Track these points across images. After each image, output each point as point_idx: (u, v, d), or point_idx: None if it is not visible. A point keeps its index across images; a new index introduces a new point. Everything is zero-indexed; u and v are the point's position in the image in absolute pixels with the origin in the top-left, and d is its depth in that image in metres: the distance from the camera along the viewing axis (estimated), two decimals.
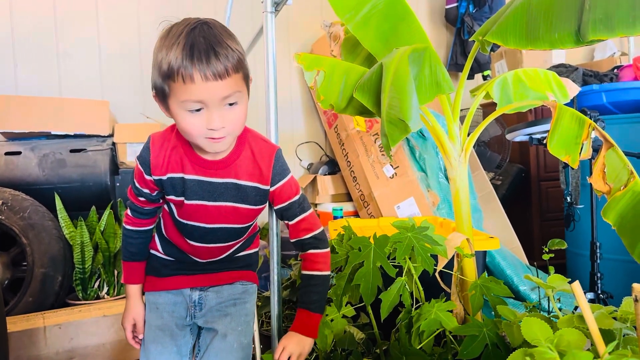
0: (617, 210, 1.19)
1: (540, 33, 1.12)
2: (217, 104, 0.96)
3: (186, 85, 0.93)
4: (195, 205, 1.11)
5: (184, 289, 1.21)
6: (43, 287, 2.14)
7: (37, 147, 2.44)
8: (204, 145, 1.01)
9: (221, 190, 1.11)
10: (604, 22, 1.01)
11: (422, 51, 1.32)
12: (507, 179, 3.18)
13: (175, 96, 0.95)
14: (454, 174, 1.48)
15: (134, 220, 1.21)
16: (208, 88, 0.93)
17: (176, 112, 0.97)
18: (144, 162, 1.11)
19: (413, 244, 1.19)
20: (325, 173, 3.17)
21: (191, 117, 0.97)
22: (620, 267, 2.06)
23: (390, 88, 1.15)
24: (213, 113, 0.96)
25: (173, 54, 0.92)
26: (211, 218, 1.12)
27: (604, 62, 3.16)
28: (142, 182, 1.14)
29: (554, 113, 1.27)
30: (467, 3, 3.43)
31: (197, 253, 1.19)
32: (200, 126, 0.97)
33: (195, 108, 0.96)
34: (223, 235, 1.16)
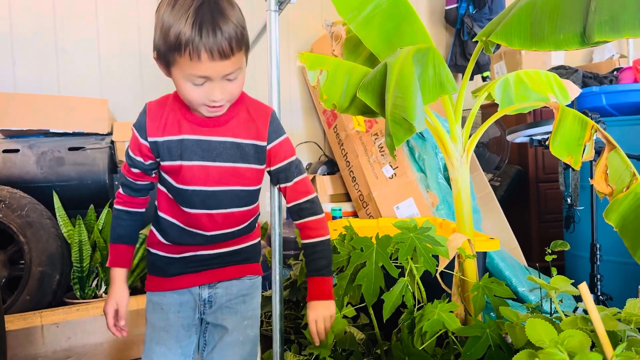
0: (620, 212, 1.19)
1: (545, 34, 1.12)
2: (219, 79, 1.01)
3: (192, 62, 0.97)
4: (194, 166, 1.11)
5: (193, 287, 1.18)
6: (41, 286, 2.13)
7: (35, 144, 2.42)
8: (202, 111, 1.07)
9: (220, 149, 1.12)
10: (610, 24, 1.01)
11: (426, 51, 1.32)
12: (506, 180, 3.18)
13: (180, 68, 1.00)
14: (456, 175, 1.48)
15: (125, 198, 1.20)
16: (214, 66, 0.98)
17: (179, 80, 1.03)
18: (139, 126, 1.12)
19: (415, 245, 1.19)
20: (324, 173, 3.17)
21: (193, 88, 1.02)
22: (619, 269, 2.06)
23: (395, 88, 1.15)
24: (215, 87, 1.02)
25: (182, 26, 0.96)
26: (211, 180, 1.12)
27: (603, 64, 3.17)
28: (136, 150, 1.13)
29: (557, 114, 1.27)
30: (467, 4, 3.43)
31: (201, 224, 1.14)
32: (202, 97, 1.03)
33: (199, 82, 1.01)
34: (225, 199, 1.14)
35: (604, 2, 1.03)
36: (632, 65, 2.38)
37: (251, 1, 3.26)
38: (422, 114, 1.14)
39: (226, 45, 0.97)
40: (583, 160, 1.23)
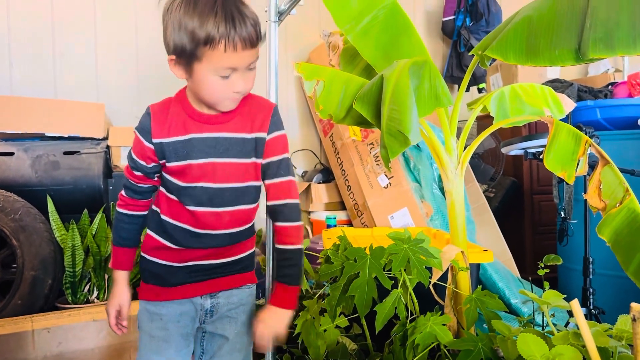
0: (612, 227, 1.20)
1: (540, 49, 1.13)
2: (244, 69, 1.06)
3: (226, 53, 1.01)
4: (203, 164, 1.12)
5: (194, 297, 1.17)
6: (32, 290, 2.11)
7: (30, 148, 2.42)
8: (222, 105, 1.10)
9: (227, 145, 1.13)
10: (604, 41, 1.02)
11: (422, 64, 1.33)
12: (500, 192, 3.20)
13: (209, 62, 1.02)
14: (450, 187, 1.49)
15: (128, 200, 1.19)
16: (243, 56, 1.04)
17: (204, 75, 1.04)
18: (143, 128, 1.12)
19: (409, 256, 1.19)
20: (319, 181, 3.17)
21: (219, 82, 1.05)
22: (611, 282, 2.07)
23: (391, 100, 1.16)
24: (240, 78, 1.06)
25: (212, 22, 1.00)
26: (219, 176, 1.12)
27: (597, 78, 3.20)
28: (140, 153, 1.13)
29: (551, 129, 1.28)
30: (464, 16, 3.45)
31: (208, 223, 1.14)
32: (227, 89, 1.06)
33: (227, 74, 1.04)
34: (231, 196, 1.14)
35: (599, 20, 1.04)
36: (626, 80, 2.40)
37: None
38: (417, 127, 1.15)
39: (254, 34, 1.04)
40: (577, 175, 1.24)
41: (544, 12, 1.15)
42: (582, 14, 1.07)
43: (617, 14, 1.06)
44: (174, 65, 1.08)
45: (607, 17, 1.03)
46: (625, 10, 1.06)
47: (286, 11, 1.21)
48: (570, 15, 1.09)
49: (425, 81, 1.31)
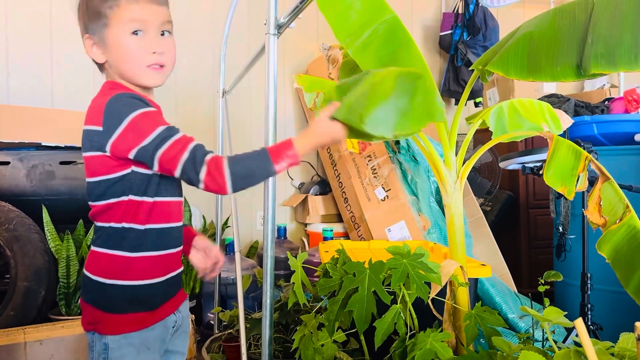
0: (612, 243, 1.20)
1: (541, 65, 1.13)
2: (156, 28, 1.06)
3: (130, 6, 1.03)
4: None
5: (170, 315, 1.12)
6: (25, 301, 2.08)
7: (26, 157, 2.40)
8: (145, 76, 1.07)
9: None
10: (606, 57, 1.02)
11: (418, 76, 1.28)
12: (497, 205, 3.20)
13: (117, 21, 1.03)
14: (449, 201, 1.49)
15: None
16: (151, 9, 1.05)
17: (119, 38, 1.04)
18: (144, 101, 1.03)
19: (408, 271, 1.18)
20: (316, 193, 3.16)
21: (134, 40, 1.04)
22: (609, 297, 2.06)
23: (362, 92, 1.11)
24: (154, 38, 1.05)
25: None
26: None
27: (594, 94, 3.21)
28: (162, 117, 1.05)
29: (551, 144, 1.28)
30: (461, 31, 3.48)
31: (178, 213, 1.13)
32: (143, 49, 1.05)
33: (138, 28, 1.04)
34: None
35: (601, 36, 1.04)
36: (623, 96, 2.42)
37: (248, 23, 3.30)
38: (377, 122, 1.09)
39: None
40: (577, 191, 1.24)
41: (545, 28, 1.15)
42: (583, 30, 1.07)
43: (619, 30, 1.07)
44: (91, 46, 1.08)
45: (608, 33, 1.04)
46: (627, 26, 1.07)
47: (285, 24, 1.21)
48: (572, 31, 1.10)
49: (419, 94, 1.26)
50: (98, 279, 1.05)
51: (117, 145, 0.99)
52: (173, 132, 1.00)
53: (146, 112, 1.00)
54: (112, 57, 1.07)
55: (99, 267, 1.06)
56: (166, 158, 0.98)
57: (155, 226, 1.07)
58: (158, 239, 1.08)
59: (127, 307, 1.05)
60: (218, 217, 2.51)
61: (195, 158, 0.97)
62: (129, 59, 1.05)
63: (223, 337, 2.04)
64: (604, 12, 1.06)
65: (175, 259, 1.14)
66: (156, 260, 1.08)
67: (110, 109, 1.00)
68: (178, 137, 0.99)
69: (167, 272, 1.11)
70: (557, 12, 1.17)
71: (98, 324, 1.05)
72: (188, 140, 0.99)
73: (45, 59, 2.92)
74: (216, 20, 3.21)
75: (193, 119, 3.20)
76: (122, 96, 1.02)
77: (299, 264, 1.35)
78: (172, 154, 0.97)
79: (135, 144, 0.98)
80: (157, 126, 0.99)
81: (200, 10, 3.21)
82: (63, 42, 2.94)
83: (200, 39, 3.20)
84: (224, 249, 2.60)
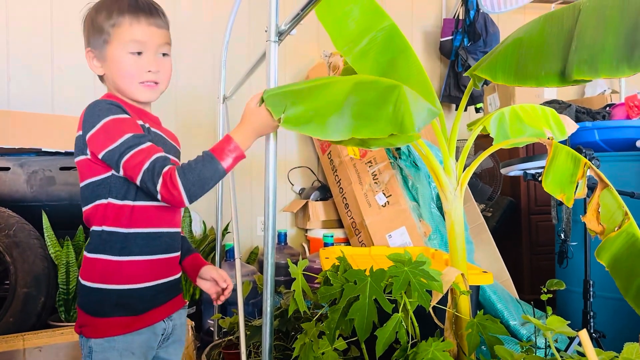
0: (611, 251, 1.18)
1: (528, 70, 1.14)
2: (154, 49, 1.12)
3: (132, 27, 1.09)
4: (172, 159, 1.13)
5: (159, 322, 1.13)
6: (25, 308, 2.08)
7: (26, 163, 2.40)
8: (138, 92, 1.13)
9: (169, 145, 1.18)
10: (589, 63, 1.03)
11: (392, 88, 1.24)
12: (498, 211, 3.19)
13: (118, 39, 1.09)
14: (450, 208, 1.48)
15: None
16: (151, 32, 1.11)
17: (118, 55, 1.10)
18: (121, 108, 1.07)
19: (410, 279, 1.18)
20: (316, 199, 3.16)
21: (132, 59, 1.10)
22: (610, 304, 2.05)
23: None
24: (152, 58, 1.12)
25: (117, 7, 1.10)
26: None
27: (594, 99, 3.22)
28: (137, 128, 1.06)
29: (550, 151, 1.27)
30: (461, 37, 3.48)
31: (169, 219, 1.15)
32: (140, 68, 1.11)
33: (137, 50, 1.10)
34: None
35: (585, 43, 1.05)
36: (624, 102, 2.41)
37: (248, 29, 3.30)
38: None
39: (159, 19, 1.13)
40: (576, 198, 1.23)
41: (534, 34, 1.17)
42: (569, 37, 1.09)
43: (603, 38, 1.07)
44: (91, 58, 1.14)
45: (593, 41, 1.05)
46: (610, 32, 1.07)
47: (286, 31, 1.20)
48: (558, 37, 1.11)
49: (390, 105, 1.23)
50: (86, 283, 1.09)
51: (90, 147, 1.05)
52: (140, 140, 1.04)
53: (118, 118, 1.05)
54: (109, 71, 1.13)
55: (87, 271, 1.10)
56: (129, 165, 1.02)
57: (141, 230, 1.09)
58: (145, 244, 1.09)
59: (111, 310, 1.07)
60: (218, 222, 2.50)
61: (154, 169, 1.01)
62: (125, 75, 1.11)
63: (223, 344, 2.03)
64: (589, 18, 1.08)
65: (167, 265, 1.15)
66: (143, 265, 1.09)
67: (87, 114, 1.07)
68: (143, 146, 1.03)
69: (155, 277, 1.12)
70: (547, 18, 1.19)
71: (84, 327, 1.08)
72: (151, 151, 1.03)
73: (46, 65, 2.93)
74: (217, 26, 3.22)
75: (193, 124, 3.20)
76: (100, 102, 1.08)
77: (300, 271, 1.34)
78: (135, 162, 1.01)
79: (104, 147, 1.03)
80: (125, 132, 1.03)
81: (201, 16, 3.21)
82: (64, 48, 2.95)
83: (201, 45, 3.21)
84: (224, 255, 2.59)
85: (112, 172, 1.07)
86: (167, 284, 1.15)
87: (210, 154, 1.04)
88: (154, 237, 1.11)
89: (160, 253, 1.13)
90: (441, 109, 1.43)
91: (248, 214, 3.34)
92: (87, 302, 1.09)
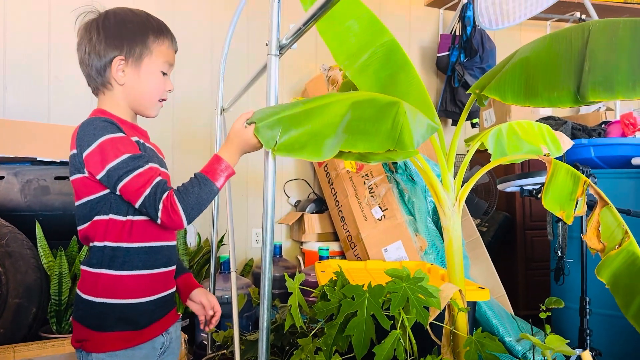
0: (611, 269, 1.19)
1: (538, 91, 1.14)
2: (170, 72, 1.20)
3: (170, 50, 1.17)
4: (163, 172, 1.14)
5: (158, 336, 1.13)
6: (16, 319, 2.05)
7: (20, 172, 2.38)
8: (154, 109, 1.18)
9: (160, 158, 1.21)
10: (604, 85, 1.03)
11: (392, 104, 1.24)
12: (493, 226, 3.19)
13: (158, 54, 1.14)
14: (448, 223, 1.48)
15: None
16: (174, 56, 1.20)
17: (152, 71, 1.14)
18: (114, 126, 1.06)
19: (408, 295, 1.17)
20: (312, 211, 3.15)
21: (160, 79, 1.15)
22: (606, 321, 2.05)
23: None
24: (169, 79, 1.19)
25: (157, 24, 1.15)
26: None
27: (589, 116, 3.24)
28: (133, 148, 1.06)
29: (549, 168, 1.27)
30: (458, 52, 3.50)
31: (162, 233, 1.13)
32: (163, 87, 1.17)
33: (167, 71, 1.17)
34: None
35: (598, 63, 1.05)
36: (620, 119, 2.43)
37: (247, 42, 3.31)
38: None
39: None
40: (575, 215, 1.23)
41: (542, 53, 1.16)
42: (580, 56, 1.08)
43: (616, 58, 1.07)
44: (118, 66, 1.11)
45: (605, 61, 1.04)
46: (624, 54, 1.07)
47: (287, 45, 1.20)
48: (568, 57, 1.11)
49: (389, 120, 1.23)
50: (87, 297, 1.08)
51: (87, 167, 1.05)
52: (138, 163, 1.03)
53: (115, 137, 1.04)
54: (136, 83, 1.13)
55: (88, 286, 1.08)
56: (128, 189, 1.02)
57: (142, 245, 1.09)
58: (147, 258, 1.10)
59: (113, 325, 1.06)
60: (213, 234, 2.49)
61: (155, 195, 1.01)
62: (152, 91, 1.16)
63: (216, 358, 2.01)
64: (600, 39, 1.08)
65: (166, 278, 1.15)
66: (144, 279, 1.10)
67: (82, 132, 1.06)
68: (141, 170, 1.03)
69: (156, 291, 1.12)
70: (553, 37, 1.18)
71: (85, 342, 1.07)
72: (151, 175, 1.03)
73: (43, 74, 2.92)
74: (215, 39, 3.23)
75: (190, 136, 3.20)
76: (94, 120, 1.06)
77: (296, 285, 1.33)
78: (135, 187, 1.02)
79: (101, 168, 1.02)
80: (122, 153, 1.03)
81: (199, 28, 3.22)
82: (61, 57, 2.94)
83: (199, 57, 3.21)
84: (219, 267, 2.57)
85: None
86: (166, 297, 1.15)
87: (204, 175, 1.06)
88: (155, 250, 1.12)
89: (161, 267, 1.13)
90: (440, 125, 1.43)
91: (243, 226, 3.32)
92: (88, 316, 1.08)
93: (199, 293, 1.28)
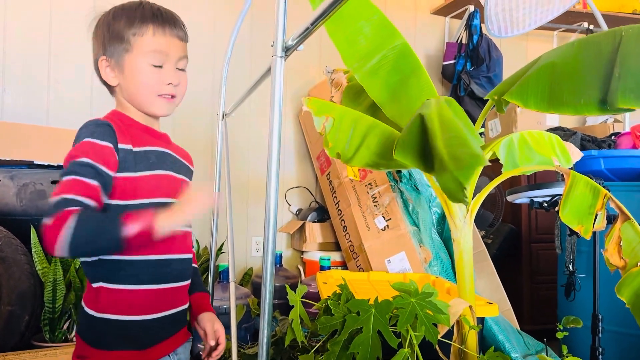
0: (633, 287, 1.13)
1: (564, 98, 1.07)
2: (174, 62, 1.07)
3: (155, 37, 1.04)
4: (165, 175, 1.06)
5: (164, 357, 1.04)
6: (7, 326, 1.98)
7: (17, 175, 2.32)
8: (155, 105, 1.08)
9: (179, 164, 1.13)
10: (635, 92, 0.97)
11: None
12: (498, 239, 3.13)
13: (139, 49, 1.03)
14: (458, 236, 1.42)
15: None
16: (173, 43, 1.06)
17: (137, 66, 1.04)
18: (104, 132, 0.98)
19: (417, 311, 1.11)
20: (314, 220, 3.09)
21: (152, 71, 1.04)
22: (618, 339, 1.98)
23: (442, 130, 1.02)
24: (171, 71, 1.06)
25: (139, 14, 1.04)
26: (172, 191, 1.04)
27: (597, 127, 3.18)
28: (101, 158, 0.95)
29: (567, 180, 1.22)
30: (464, 61, 3.46)
31: (168, 245, 1.03)
32: (160, 80, 1.05)
33: (159, 62, 1.05)
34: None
35: (630, 69, 0.99)
36: (630, 131, 2.38)
37: (250, 44, 3.27)
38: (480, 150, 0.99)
39: (180, 30, 1.08)
40: (594, 230, 1.18)
41: (569, 59, 1.10)
42: (609, 63, 1.02)
43: None
44: (105, 67, 1.07)
45: (638, 67, 0.98)
46: None
47: (294, 47, 1.15)
48: (597, 63, 1.05)
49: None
50: (89, 311, 1.00)
51: None
52: (73, 171, 0.93)
53: (92, 142, 0.96)
54: (125, 82, 1.07)
55: (91, 299, 1.01)
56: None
57: (149, 257, 1.01)
58: (155, 271, 1.02)
59: (114, 343, 0.98)
60: (212, 242, 2.43)
61: (53, 205, 0.88)
62: (144, 86, 1.06)
63: None
64: (633, 45, 1.01)
65: (174, 294, 1.06)
66: (150, 294, 1.01)
67: (77, 133, 1.01)
68: (68, 178, 0.92)
69: (162, 308, 1.04)
70: (581, 43, 1.12)
71: (84, 359, 0.99)
72: (70, 188, 0.90)
73: (42, 76, 2.87)
74: (218, 42, 3.18)
75: (191, 141, 3.15)
76: (89, 123, 1.01)
77: (298, 298, 1.27)
78: (54, 192, 0.91)
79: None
80: (78, 157, 0.94)
81: (201, 32, 3.18)
82: (61, 60, 2.89)
83: (201, 60, 3.17)
84: (218, 276, 2.51)
85: (107, 200, 0.98)
86: (174, 315, 1.06)
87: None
88: (164, 264, 1.03)
89: (170, 281, 1.04)
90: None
91: (243, 234, 3.26)
92: (88, 330, 1.01)
93: (206, 319, 1.18)
